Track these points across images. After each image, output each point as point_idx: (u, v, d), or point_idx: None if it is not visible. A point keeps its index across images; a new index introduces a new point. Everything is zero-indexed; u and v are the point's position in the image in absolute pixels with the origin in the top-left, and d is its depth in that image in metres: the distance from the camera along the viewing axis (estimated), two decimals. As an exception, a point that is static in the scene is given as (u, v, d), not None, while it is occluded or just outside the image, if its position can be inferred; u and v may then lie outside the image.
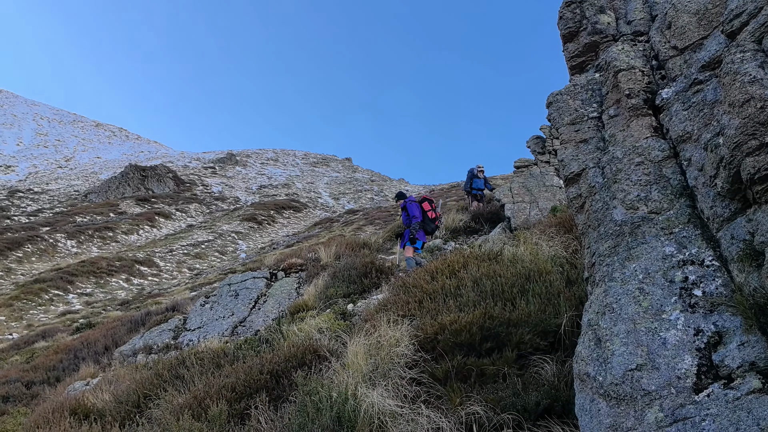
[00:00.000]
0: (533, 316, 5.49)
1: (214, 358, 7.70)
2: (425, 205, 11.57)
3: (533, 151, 19.10)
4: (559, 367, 4.72)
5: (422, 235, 11.39)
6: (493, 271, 6.90)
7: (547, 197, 13.80)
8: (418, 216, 11.34)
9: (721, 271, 3.16)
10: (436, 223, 11.64)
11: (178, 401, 6.21)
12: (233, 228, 50.17)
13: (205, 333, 12.25)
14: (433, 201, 11.96)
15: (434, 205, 11.79)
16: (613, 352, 3.18)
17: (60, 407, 7.54)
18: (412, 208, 11.49)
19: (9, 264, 37.90)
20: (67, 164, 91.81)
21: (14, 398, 12.31)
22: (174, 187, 68.15)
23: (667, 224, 3.57)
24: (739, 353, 2.78)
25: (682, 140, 3.73)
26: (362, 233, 28.05)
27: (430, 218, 11.47)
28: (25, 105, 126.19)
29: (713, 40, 3.78)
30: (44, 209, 59.30)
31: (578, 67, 5.49)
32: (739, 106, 3.00)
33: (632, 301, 3.33)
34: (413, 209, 11.44)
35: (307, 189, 74.67)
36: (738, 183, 3.07)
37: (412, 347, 5.45)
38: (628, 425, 2.89)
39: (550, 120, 5.15)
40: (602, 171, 4.22)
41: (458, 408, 4.46)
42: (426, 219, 11.41)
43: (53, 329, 22.39)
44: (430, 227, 11.48)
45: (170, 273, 38.05)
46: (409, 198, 11.83)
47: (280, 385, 5.91)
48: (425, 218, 11.41)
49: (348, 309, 9.33)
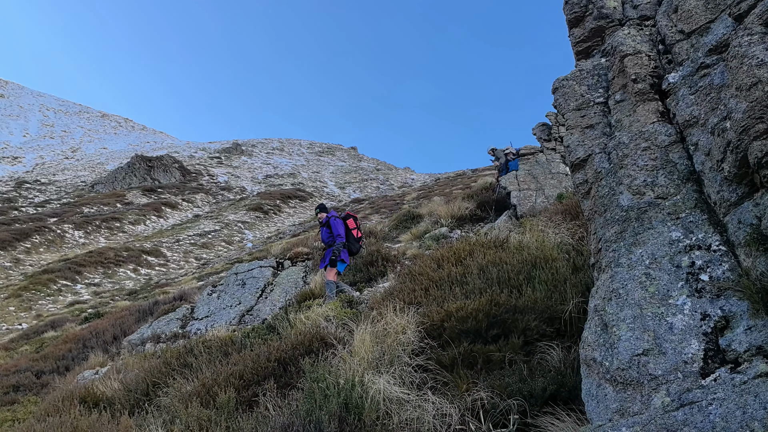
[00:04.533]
0: (539, 302, 5.49)
1: (221, 346, 7.75)
2: (350, 223, 10.57)
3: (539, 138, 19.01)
4: (565, 353, 4.72)
5: (346, 256, 10.38)
6: (499, 259, 6.89)
7: (553, 184, 13.78)
8: (343, 235, 10.31)
9: (728, 256, 3.15)
10: (360, 243, 10.72)
11: (187, 389, 6.26)
12: (239, 218, 50.27)
13: (212, 322, 12.32)
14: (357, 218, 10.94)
15: (359, 224, 10.83)
16: (619, 337, 3.18)
17: (70, 396, 7.61)
18: (336, 225, 10.41)
19: (17, 255, 38.15)
20: (73, 155, 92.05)
21: (25, 387, 12.43)
22: (180, 177, 68.25)
23: (673, 209, 3.56)
24: (746, 337, 2.78)
25: (689, 125, 3.71)
26: (368, 222, 28.08)
27: (355, 238, 10.53)
28: (31, 96, 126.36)
29: (720, 23, 3.74)
30: (51, 200, 59.54)
31: (584, 53, 5.46)
32: (747, 89, 2.98)
33: (639, 286, 3.33)
34: (337, 227, 10.37)
35: (312, 178, 74.65)
36: (745, 167, 3.05)
37: (418, 334, 5.47)
38: (634, 410, 2.90)
39: (556, 106, 5.12)
40: (608, 156, 4.20)
41: (465, 394, 4.48)
42: (351, 239, 10.44)
43: (62, 319, 22.57)
44: (354, 247, 10.51)
45: (177, 263, 38.22)
46: (332, 213, 10.79)
47: (288, 372, 5.94)
48: (350, 238, 10.43)
49: (354, 297, 9.36)
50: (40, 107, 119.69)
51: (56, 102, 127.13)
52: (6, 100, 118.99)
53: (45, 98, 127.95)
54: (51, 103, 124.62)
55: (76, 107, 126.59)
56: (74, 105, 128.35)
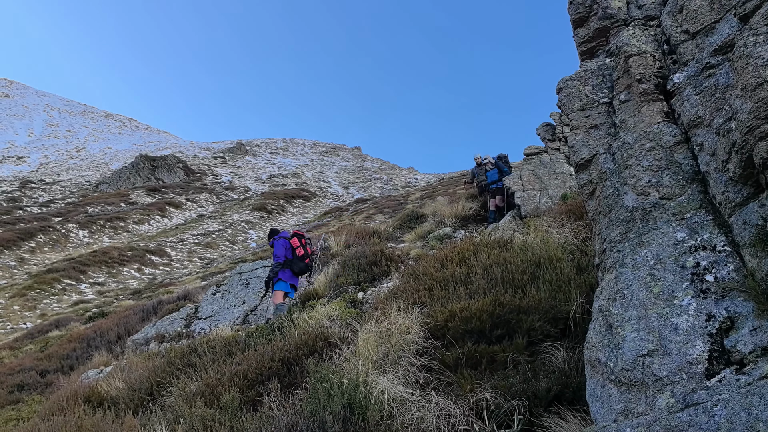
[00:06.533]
0: (543, 303, 5.49)
1: (225, 346, 7.75)
2: (294, 242, 10.36)
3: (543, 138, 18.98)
4: (569, 354, 4.72)
5: (288, 275, 10.19)
6: (503, 259, 6.88)
7: (558, 185, 13.75)
8: (280, 256, 10.11)
9: (733, 257, 3.14)
10: (306, 260, 10.40)
11: (191, 389, 6.27)
12: (243, 217, 50.32)
13: (216, 321, 12.34)
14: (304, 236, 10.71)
15: (304, 241, 10.54)
16: (624, 338, 3.18)
17: (74, 395, 7.62)
18: (276, 246, 10.28)
19: (22, 254, 38.25)
20: (77, 155, 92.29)
21: (29, 386, 12.47)
22: (184, 176, 68.36)
23: (678, 210, 3.55)
24: (752, 338, 2.77)
25: (694, 125, 3.70)
26: (372, 222, 28.07)
27: (299, 256, 10.27)
28: (35, 96, 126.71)
29: (725, 23, 3.73)
30: (56, 200, 59.70)
31: (589, 53, 5.45)
32: (752, 90, 2.97)
33: (643, 286, 3.32)
34: (277, 248, 10.22)
35: (316, 178, 74.69)
36: (750, 168, 3.04)
37: (422, 334, 5.47)
38: (639, 411, 2.89)
39: (560, 106, 5.12)
40: (613, 157, 4.19)
41: (468, 394, 4.47)
42: (295, 258, 10.23)
43: (66, 318, 22.62)
44: (297, 266, 10.24)
45: (181, 262, 38.27)
46: (281, 234, 10.60)
47: (292, 372, 5.95)
48: (294, 257, 10.23)
49: (358, 297, 9.35)
50: (45, 107, 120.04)
51: (61, 102, 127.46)
52: (11, 99, 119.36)
53: (50, 98, 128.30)
54: (56, 103, 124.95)
55: (81, 107, 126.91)
56: (79, 105, 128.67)
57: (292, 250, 10.28)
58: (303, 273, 10.50)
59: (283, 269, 10.14)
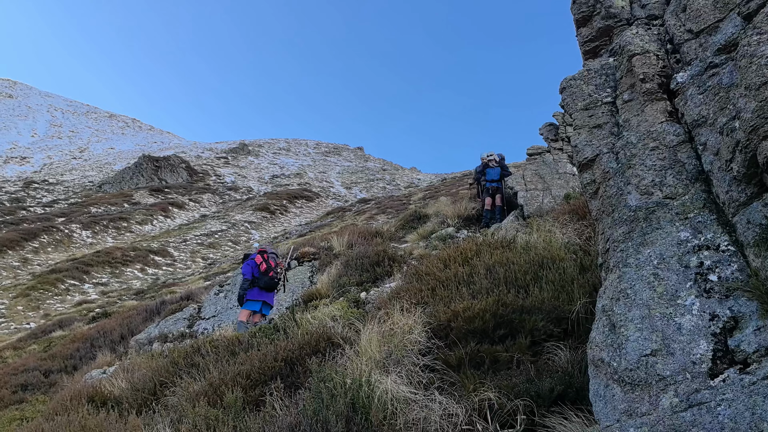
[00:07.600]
0: (546, 302, 5.48)
1: (228, 345, 7.75)
2: (257, 259, 10.67)
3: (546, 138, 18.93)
4: (572, 354, 4.72)
5: (255, 293, 10.53)
6: (506, 259, 6.88)
7: (560, 185, 13.73)
8: (246, 274, 10.50)
9: (737, 256, 3.13)
10: (270, 274, 10.63)
11: (194, 388, 6.27)
12: (246, 218, 50.37)
13: (219, 321, 12.36)
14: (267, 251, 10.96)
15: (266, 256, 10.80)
16: (627, 337, 3.17)
17: (78, 395, 7.63)
18: (244, 267, 10.70)
19: (26, 254, 38.34)
20: (81, 155, 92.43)
21: (33, 386, 12.50)
22: (187, 177, 68.47)
23: (682, 209, 3.54)
24: (755, 338, 2.76)
25: (698, 124, 3.69)
26: (374, 222, 28.08)
27: (262, 271, 10.55)
28: (39, 96, 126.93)
29: (729, 22, 3.73)
30: (59, 200, 59.80)
31: (592, 52, 5.44)
32: (756, 89, 2.97)
33: (647, 286, 3.32)
34: (244, 268, 10.65)
35: (319, 178, 74.74)
36: (754, 167, 3.04)
37: (425, 334, 5.47)
38: (642, 410, 2.89)
39: (564, 106, 5.11)
40: (616, 156, 4.18)
41: (471, 394, 4.47)
42: (260, 274, 10.54)
43: (70, 318, 22.67)
44: (263, 281, 10.55)
45: (184, 263, 38.34)
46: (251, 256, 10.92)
47: (295, 372, 5.95)
48: (259, 273, 10.53)
49: (361, 297, 9.36)
50: (49, 107, 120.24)
51: (64, 102, 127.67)
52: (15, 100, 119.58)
53: (53, 98, 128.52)
54: (59, 104, 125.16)
55: (84, 107, 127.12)
56: (82, 105, 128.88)
57: (257, 266, 10.62)
58: (271, 287, 10.78)
59: (251, 288, 10.53)
